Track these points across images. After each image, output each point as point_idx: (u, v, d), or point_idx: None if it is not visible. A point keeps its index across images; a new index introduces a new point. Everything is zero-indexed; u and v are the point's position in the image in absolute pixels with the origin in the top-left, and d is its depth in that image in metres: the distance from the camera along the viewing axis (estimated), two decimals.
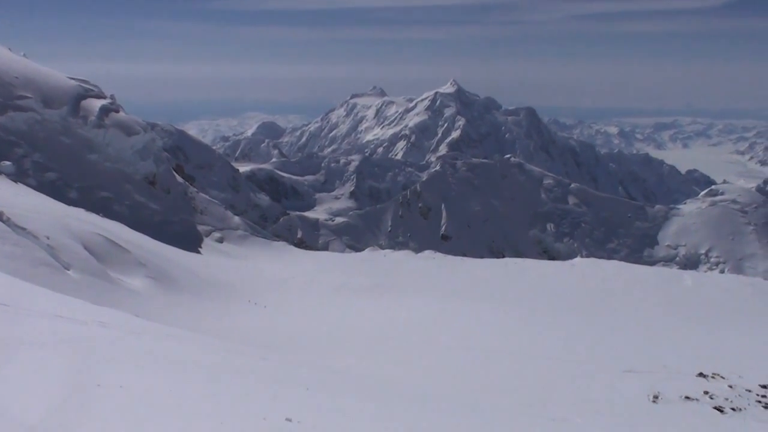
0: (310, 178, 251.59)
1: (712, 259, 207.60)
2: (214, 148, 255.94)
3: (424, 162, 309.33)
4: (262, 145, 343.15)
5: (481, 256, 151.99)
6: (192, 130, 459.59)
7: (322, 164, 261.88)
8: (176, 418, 16.87)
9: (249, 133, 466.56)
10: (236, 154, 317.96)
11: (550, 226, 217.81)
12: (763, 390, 42.84)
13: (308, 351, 45.00)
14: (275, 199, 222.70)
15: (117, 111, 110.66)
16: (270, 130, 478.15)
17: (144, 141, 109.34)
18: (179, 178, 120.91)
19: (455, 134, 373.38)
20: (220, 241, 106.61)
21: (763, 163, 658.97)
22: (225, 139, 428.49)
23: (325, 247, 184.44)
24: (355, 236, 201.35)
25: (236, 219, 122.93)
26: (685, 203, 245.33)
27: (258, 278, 75.14)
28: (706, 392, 41.20)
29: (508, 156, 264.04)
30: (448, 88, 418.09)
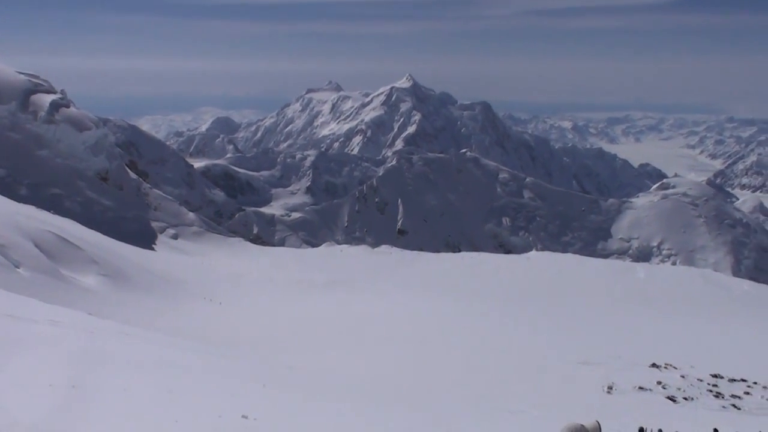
0: (265, 173, 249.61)
1: (664, 252, 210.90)
2: (167, 143, 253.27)
3: (381, 157, 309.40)
4: (217, 140, 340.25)
5: (438, 251, 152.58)
6: (145, 125, 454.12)
7: (278, 159, 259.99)
8: (129, 417, 16.58)
9: (203, 128, 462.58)
10: (190, 150, 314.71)
11: (505, 220, 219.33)
12: (714, 379, 43.64)
13: (265, 347, 44.72)
14: (231, 194, 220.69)
15: (68, 106, 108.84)
16: (225, 126, 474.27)
17: (96, 137, 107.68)
18: (132, 174, 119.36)
19: (411, 129, 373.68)
20: (175, 237, 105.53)
21: (713, 156, 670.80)
22: (179, 134, 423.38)
23: (281, 243, 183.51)
24: (311, 232, 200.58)
25: (191, 215, 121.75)
26: (637, 197, 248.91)
27: (213, 275, 74.53)
28: (659, 382, 41.85)
29: (463, 150, 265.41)
30: (404, 83, 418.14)
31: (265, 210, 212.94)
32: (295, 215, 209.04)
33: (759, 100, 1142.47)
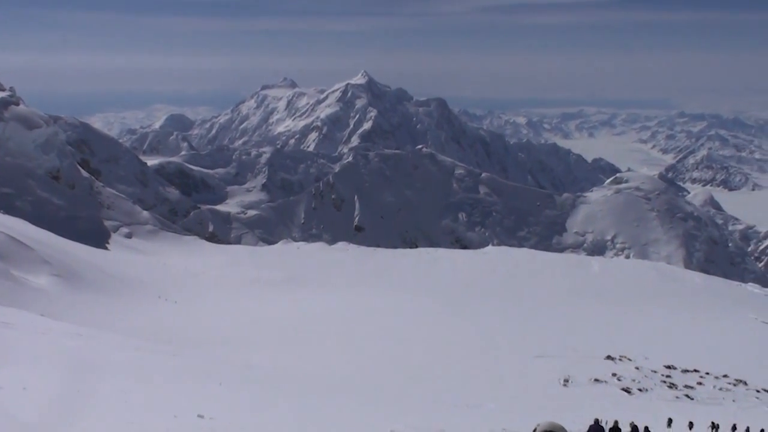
0: (220, 170, 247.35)
1: (617, 245, 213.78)
2: (120, 141, 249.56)
3: (337, 153, 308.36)
4: (171, 137, 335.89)
5: (395, 247, 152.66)
6: (97, 123, 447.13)
7: (233, 157, 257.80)
8: (83, 419, 16.29)
9: (157, 125, 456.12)
10: (144, 148, 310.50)
11: (462, 216, 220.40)
12: (668, 370, 44.36)
13: (221, 346, 44.39)
14: (185, 192, 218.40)
15: (17, 104, 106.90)
16: (179, 123, 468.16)
17: (46, 134, 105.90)
18: (84, 173, 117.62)
19: (367, 125, 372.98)
20: (129, 236, 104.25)
21: (664, 151, 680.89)
22: (132, 131, 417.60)
23: (237, 241, 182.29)
24: (267, 229, 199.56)
25: (145, 214, 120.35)
26: (591, 191, 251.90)
27: (168, 273, 73.77)
28: (614, 374, 42.45)
29: (419, 147, 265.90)
30: (359, 80, 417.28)
31: (221, 208, 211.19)
32: (251, 213, 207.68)
33: (709, 95, 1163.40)
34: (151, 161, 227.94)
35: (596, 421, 25.90)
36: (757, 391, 40.09)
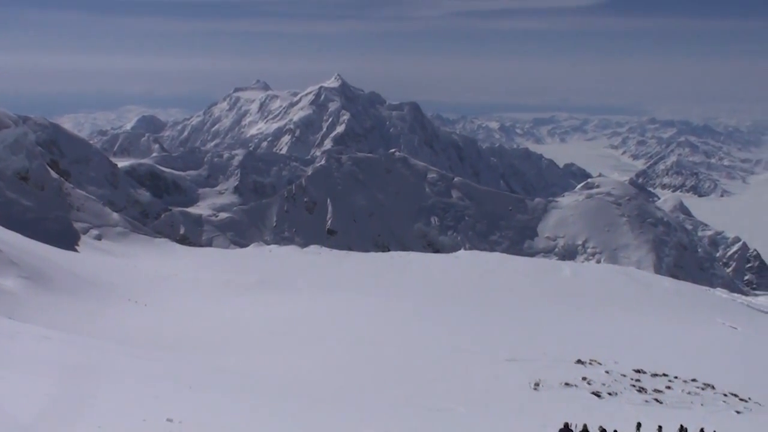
0: (192, 173, 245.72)
1: (588, 250, 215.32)
2: (91, 142, 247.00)
3: (309, 156, 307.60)
4: (142, 139, 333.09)
5: (367, 250, 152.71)
6: (67, 123, 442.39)
7: (205, 159, 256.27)
8: (51, 424, 16.10)
9: (128, 126, 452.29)
10: (115, 149, 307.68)
11: (434, 220, 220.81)
12: (637, 374, 44.73)
13: (192, 350, 44.08)
14: (156, 194, 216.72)
15: None
16: (150, 124, 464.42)
17: (15, 135, 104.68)
18: (54, 174, 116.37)
19: (340, 129, 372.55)
20: (99, 238, 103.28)
21: (635, 157, 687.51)
22: (102, 133, 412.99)
23: (208, 244, 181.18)
24: (239, 232, 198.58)
25: (115, 216, 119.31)
26: (563, 196, 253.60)
27: (139, 276, 73.15)
28: (584, 378, 42.71)
29: (392, 150, 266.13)
30: (332, 83, 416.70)
31: (192, 210, 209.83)
32: (223, 215, 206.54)
33: (679, 102, 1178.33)
34: (122, 163, 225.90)
35: (566, 425, 26.04)
36: (725, 395, 40.52)
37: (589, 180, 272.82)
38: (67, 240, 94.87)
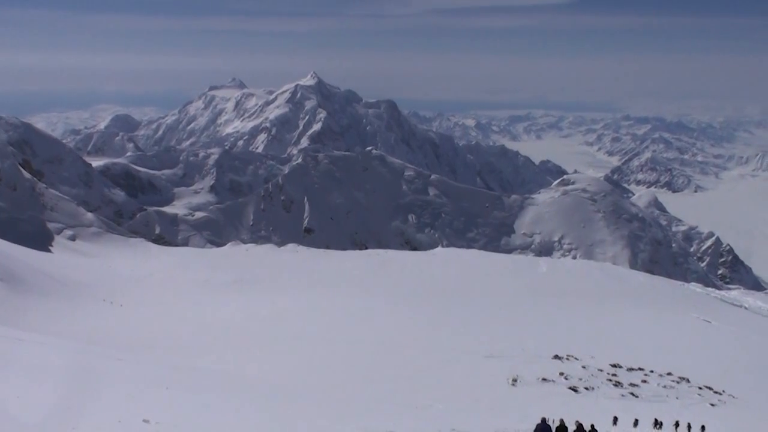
0: (167, 172, 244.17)
1: (565, 246, 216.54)
2: (64, 141, 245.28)
3: (286, 155, 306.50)
4: (117, 138, 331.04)
5: (345, 248, 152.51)
6: (40, 123, 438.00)
7: (181, 158, 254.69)
8: (24, 426, 15.92)
9: (102, 126, 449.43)
10: (88, 148, 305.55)
11: (411, 217, 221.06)
12: (614, 369, 45.04)
13: (168, 350, 43.79)
14: (131, 194, 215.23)
15: None
16: (124, 123, 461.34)
17: None
18: (26, 174, 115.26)
19: (317, 127, 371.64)
20: (73, 238, 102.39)
21: (610, 153, 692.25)
22: (76, 132, 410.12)
23: (185, 243, 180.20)
24: (216, 231, 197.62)
25: (89, 215, 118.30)
26: (539, 193, 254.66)
27: (114, 276, 72.61)
28: (561, 373, 42.94)
29: (369, 148, 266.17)
30: (308, 81, 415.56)
31: (168, 209, 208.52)
32: (199, 214, 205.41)
33: (653, 99, 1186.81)
34: (96, 162, 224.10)
35: (543, 420, 26.15)
36: (700, 388, 40.91)
37: (564, 177, 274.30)
38: (41, 240, 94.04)
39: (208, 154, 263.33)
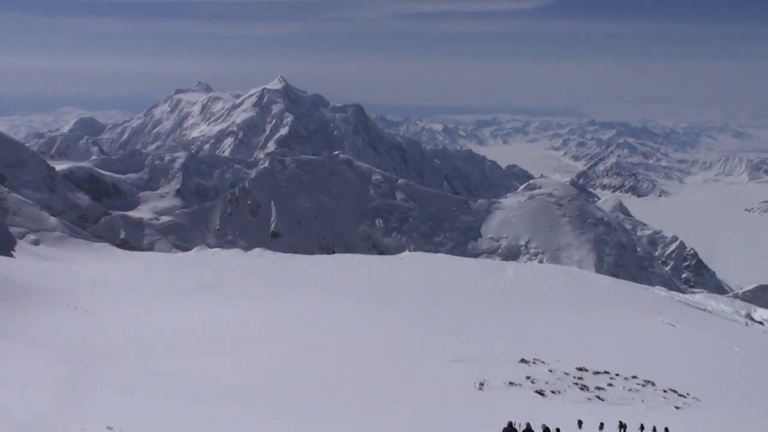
0: (133, 176, 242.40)
1: (531, 250, 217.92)
2: (27, 145, 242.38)
3: (253, 159, 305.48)
4: (81, 141, 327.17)
5: (312, 253, 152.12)
6: (2, 126, 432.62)
7: (146, 161, 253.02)
8: None
9: (66, 129, 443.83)
10: (52, 152, 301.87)
11: (378, 222, 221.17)
12: (580, 372, 45.33)
13: (134, 355, 43.30)
14: (96, 198, 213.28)
15: None
16: (89, 126, 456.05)
17: None
18: None
19: (283, 131, 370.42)
20: (36, 243, 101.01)
21: (576, 158, 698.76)
22: (39, 135, 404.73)
23: (150, 248, 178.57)
24: (181, 235, 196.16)
25: (53, 220, 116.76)
26: (505, 197, 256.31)
27: (78, 281, 71.66)
28: (528, 377, 43.12)
29: (336, 152, 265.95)
30: (275, 85, 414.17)
31: (133, 214, 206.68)
32: (165, 219, 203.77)
33: (618, 104, 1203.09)
34: (60, 166, 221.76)
35: (510, 424, 26.25)
36: (665, 391, 41.31)
37: (531, 181, 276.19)
38: (3, 245, 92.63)
39: (174, 157, 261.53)
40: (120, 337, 48.36)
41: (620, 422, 31.84)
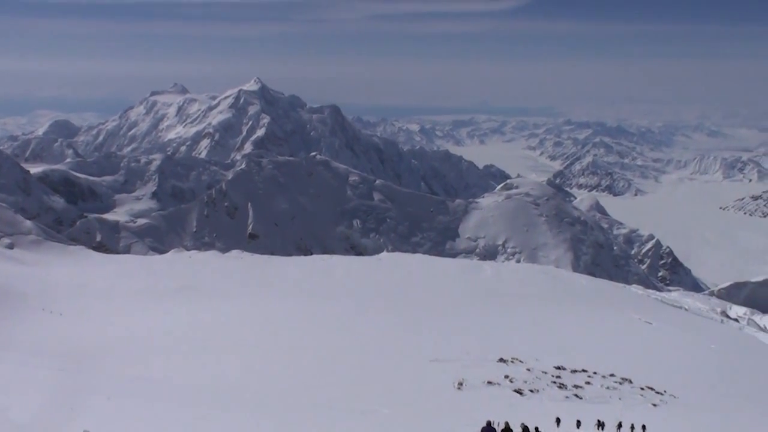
0: (108, 178, 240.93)
1: (509, 250, 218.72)
2: (1, 148, 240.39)
3: (230, 160, 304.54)
4: (56, 144, 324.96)
5: (290, 254, 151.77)
6: None
7: (122, 164, 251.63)
8: None
9: (40, 132, 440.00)
10: (26, 155, 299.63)
11: (356, 222, 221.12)
12: (558, 371, 45.53)
13: (111, 359, 42.94)
14: (71, 201, 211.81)
15: None
16: (63, 129, 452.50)
17: None
18: None
19: (260, 132, 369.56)
20: (11, 247, 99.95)
21: (552, 158, 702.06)
22: (13, 138, 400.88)
23: (126, 250, 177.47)
24: (158, 238, 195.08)
25: (28, 223, 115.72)
26: (483, 197, 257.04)
27: (53, 285, 70.94)
28: (506, 376, 43.24)
29: (313, 154, 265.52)
30: (251, 86, 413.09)
31: (109, 216, 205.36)
32: (141, 221, 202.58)
33: (594, 103, 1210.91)
34: (35, 169, 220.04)
35: (488, 423, 26.30)
36: (642, 389, 41.58)
37: (508, 181, 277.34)
38: None
39: (149, 160, 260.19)
40: (97, 340, 47.95)
41: (598, 420, 32.00)
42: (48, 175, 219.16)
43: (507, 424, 26.98)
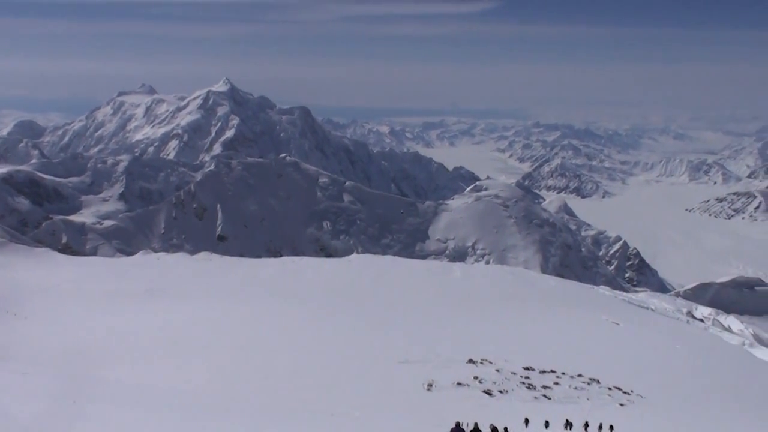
0: (74, 179, 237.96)
1: (478, 251, 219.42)
2: None
3: (198, 162, 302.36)
4: (20, 145, 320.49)
5: (259, 256, 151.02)
6: None
7: (88, 165, 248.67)
8: None
9: (4, 132, 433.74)
10: None
11: (326, 224, 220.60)
12: (527, 372, 45.74)
13: (76, 362, 42.40)
14: (36, 202, 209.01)
15: None
16: (28, 129, 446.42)
17: None
18: None
19: (229, 133, 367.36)
20: None
21: (521, 160, 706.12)
22: None
23: (93, 252, 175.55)
24: (125, 240, 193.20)
25: None
26: (452, 199, 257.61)
27: (18, 288, 69.97)
28: (476, 377, 43.38)
29: (283, 155, 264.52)
30: (221, 87, 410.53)
31: (75, 218, 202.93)
32: (108, 223, 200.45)
33: (563, 106, 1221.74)
34: None
35: (457, 424, 26.32)
36: (609, 389, 41.90)
37: (477, 183, 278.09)
38: None
39: (117, 161, 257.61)
40: (62, 344, 47.35)
41: (566, 420, 32.19)
42: (12, 176, 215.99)
43: (476, 424, 27.03)
